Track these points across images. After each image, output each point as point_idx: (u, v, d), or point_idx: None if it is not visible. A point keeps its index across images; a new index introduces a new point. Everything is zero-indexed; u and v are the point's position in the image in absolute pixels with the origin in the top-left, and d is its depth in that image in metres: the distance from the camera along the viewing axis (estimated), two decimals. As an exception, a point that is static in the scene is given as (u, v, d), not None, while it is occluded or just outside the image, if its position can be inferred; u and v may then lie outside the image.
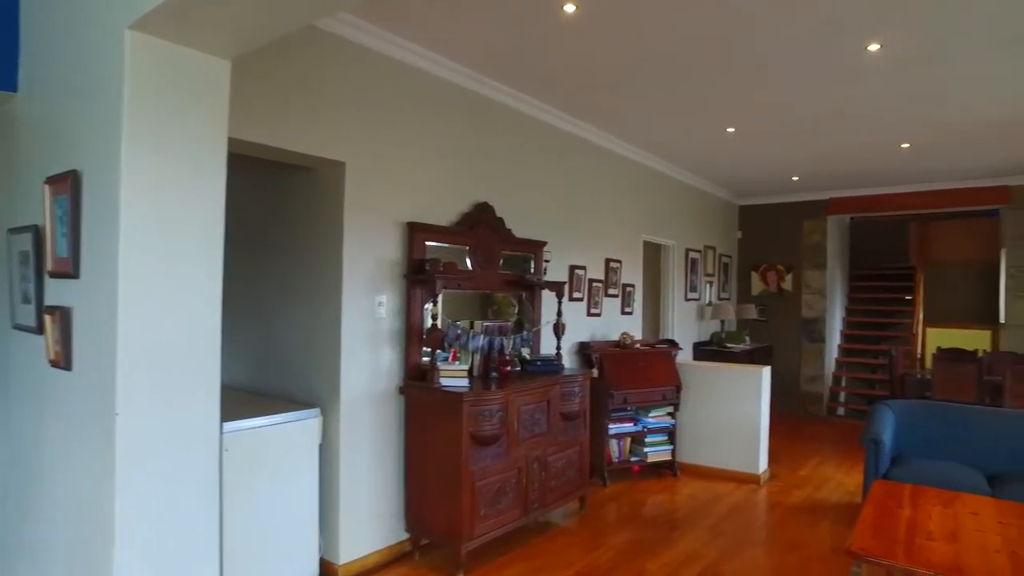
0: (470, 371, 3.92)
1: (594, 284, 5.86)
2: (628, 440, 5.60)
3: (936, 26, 3.48)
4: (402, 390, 3.83)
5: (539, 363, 4.55)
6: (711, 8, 3.34)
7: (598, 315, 5.96)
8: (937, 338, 9.54)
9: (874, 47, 3.72)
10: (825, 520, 4.59)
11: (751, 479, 5.46)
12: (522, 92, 4.73)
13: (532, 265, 4.88)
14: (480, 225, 4.34)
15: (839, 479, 5.65)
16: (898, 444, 4.67)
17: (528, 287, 4.78)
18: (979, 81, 4.30)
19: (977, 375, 6.15)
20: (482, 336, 4.19)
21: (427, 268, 3.76)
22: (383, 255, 3.72)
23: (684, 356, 7.16)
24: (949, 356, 6.50)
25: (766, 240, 9.21)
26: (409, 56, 3.86)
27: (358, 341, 3.59)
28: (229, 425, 3.01)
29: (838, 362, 9.32)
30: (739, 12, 3.37)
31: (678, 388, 5.67)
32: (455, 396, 3.57)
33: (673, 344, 6.19)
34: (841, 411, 9.02)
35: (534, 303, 4.87)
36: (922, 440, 4.71)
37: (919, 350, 9.11)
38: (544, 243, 4.97)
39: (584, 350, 5.64)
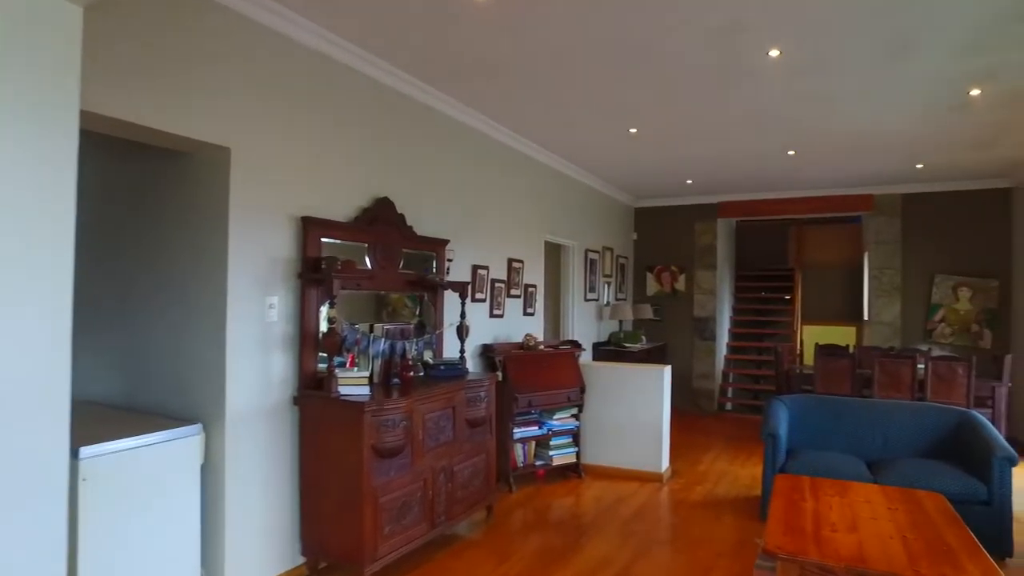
0: (370, 378, 3.65)
1: (497, 285, 5.72)
2: (533, 444, 5.49)
3: (832, 36, 3.61)
4: (297, 400, 3.49)
5: (443, 368, 4.34)
6: (620, 6, 3.28)
7: (501, 316, 5.82)
8: (812, 335, 10.23)
9: (774, 53, 3.82)
10: (727, 514, 4.69)
11: (655, 477, 5.52)
12: (427, 83, 4.51)
13: (435, 265, 4.66)
14: (380, 221, 4.06)
15: (735, 472, 5.83)
16: (791, 437, 4.85)
17: (431, 288, 4.55)
18: (864, 93, 4.55)
19: (851, 369, 6.57)
20: (383, 340, 3.92)
21: (323, 267, 3.45)
22: (274, 252, 3.37)
23: (585, 357, 7.18)
24: (827, 352, 6.91)
25: (661, 242, 9.47)
26: (307, 36, 3.53)
27: (246, 348, 3.22)
28: (89, 450, 2.58)
29: (726, 359, 9.74)
30: (648, 12, 3.34)
31: (582, 389, 5.63)
32: (355, 406, 3.28)
33: (576, 345, 6.17)
34: (729, 406, 9.44)
35: (437, 304, 4.65)
36: (811, 432, 4.93)
37: (799, 346, 9.68)
38: (447, 242, 4.76)
39: (487, 352, 5.49)
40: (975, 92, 4.52)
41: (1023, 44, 3.72)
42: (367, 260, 3.96)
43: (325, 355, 3.47)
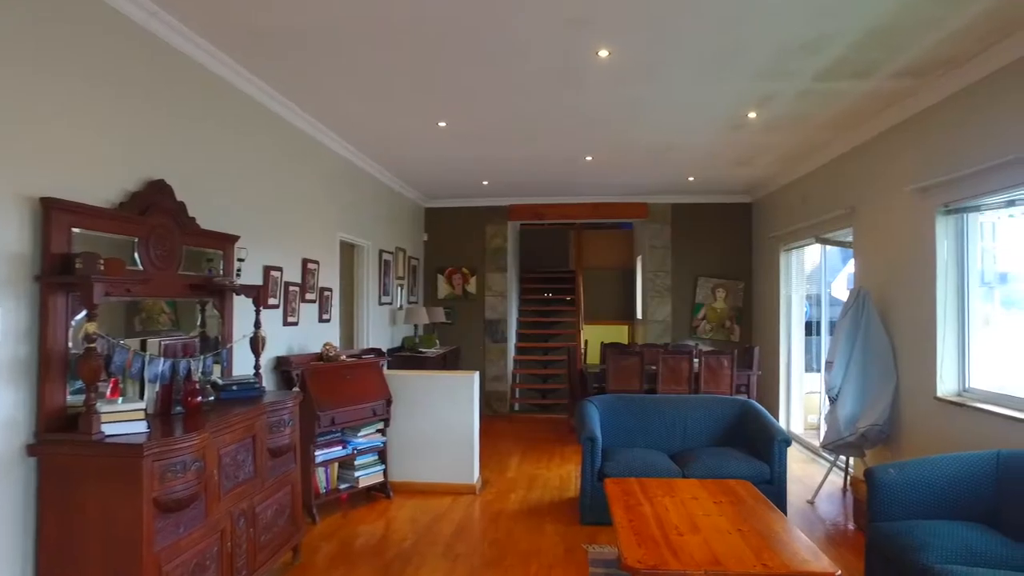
0: (146, 410, 2.83)
1: (291, 288, 5.01)
2: (336, 466, 4.90)
3: (663, 43, 3.66)
4: (34, 449, 2.55)
5: (235, 388, 3.60)
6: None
7: (296, 324, 5.11)
8: (591, 334, 10.89)
9: (604, 53, 3.78)
10: (548, 522, 4.59)
11: (467, 490, 5.25)
12: (221, 50, 3.73)
13: (222, 265, 3.86)
14: (156, 210, 3.21)
15: (544, 476, 5.82)
16: (603, 437, 4.92)
17: (218, 292, 3.76)
18: (674, 105, 4.76)
19: (640, 366, 7.01)
20: (162, 360, 3.09)
21: (79, 266, 2.57)
22: (-5, 246, 2.43)
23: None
24: (618, 350, 7.30)
25: (452, 243, 9.30)
26: (40, -47, 2.61)
27: (-51, 381, 2.25)
28: None
29: (515, 360, 9.91)
30: (489, -14, 3.06)
31: (388, 401, 5.17)
32: (129, 450, 2.48)
33: (380, 353, 5.67)
34: (516, 407, 9.60)
35: (225, 312, 3.86)
36: (620, 431, 5.07)
37: (583, 346, 10.19)
38: (237, 237, 3.99)
39: (283, 366, 4.76)
40: (752, 115, 5.02)
41: (798, 75, 4.15)
42: (138, 258, 3.09)
43: (82, 384, 2.58)
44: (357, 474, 4.95)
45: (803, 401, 7.57)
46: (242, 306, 3.97)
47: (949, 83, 4.17)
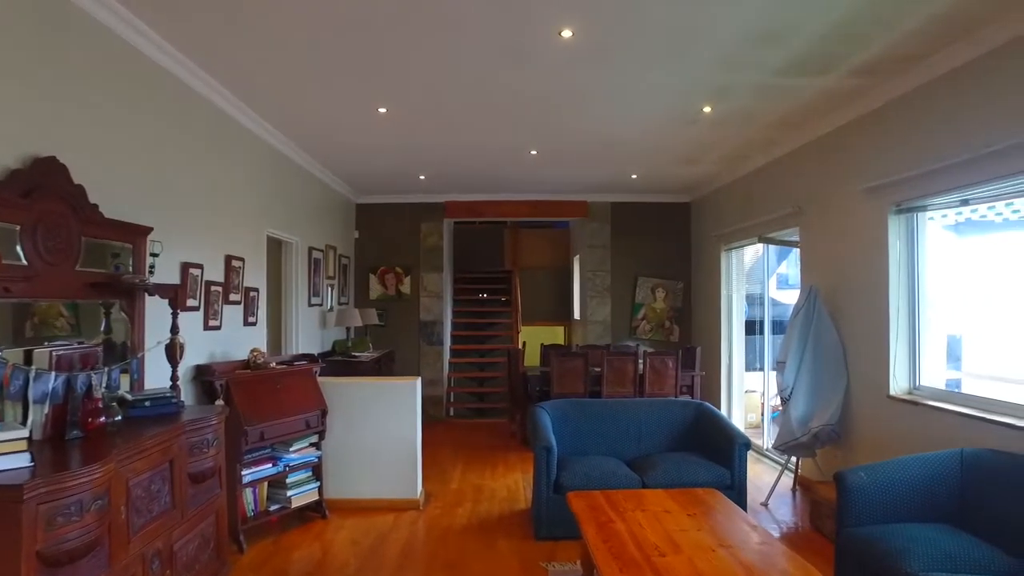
0: (30, 438, 2.32)
1: (213, 288, 4.47)
2: (265, 485, 4.40)
3: (628, 23, 3.40)
4: None
5: (148, 404, 3.10)
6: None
7: (218, 328, 4.57)
8: (527, 335, 10.64)
9: (567, 33, 3.49)
10: (500, 537, 4.27)
11: (411, 505, 4.86)
12: (126, 7, 3.19)
13: (132, 261, 3.33)
14: (44, 193, 2.68)
15: (490, 486, 5.49)
16: (557, 445, 4.65)
17: (127, 292, 3.24)
18: (630, 92, 4.52)
19: (585, 368, 6.80)
20: (53, 374, 2.56)
21: (-60, 259, 2.05)
22: None
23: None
24: (561, 352, 7.07)
25: (385, 241, 8.83)
26: None
27: None
28: None
29: (451, 363, 9.53)
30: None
31: (323, 412, 4.71)
32: (3, 493, 1.98)
33: (313, 359, 5.19)
34: (452, 412, 9.24)
35: (135, 315, 3.33)
36: (573, 437, 4.81)
37: (522, 347, 9.92)
38: (150, 229, 3.46)
39: (204, 376, 4.23)
40: (707, 109, 4.87)
41: (758, 67, 4.01)
42: (21, 251, 2.55)
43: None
44: (289, 493, 4.46)
45: (743, 400, 7.60)
46: (156, 308, 3.45)
47: (904, 82, 4.15)
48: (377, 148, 6.08)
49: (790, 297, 8.55)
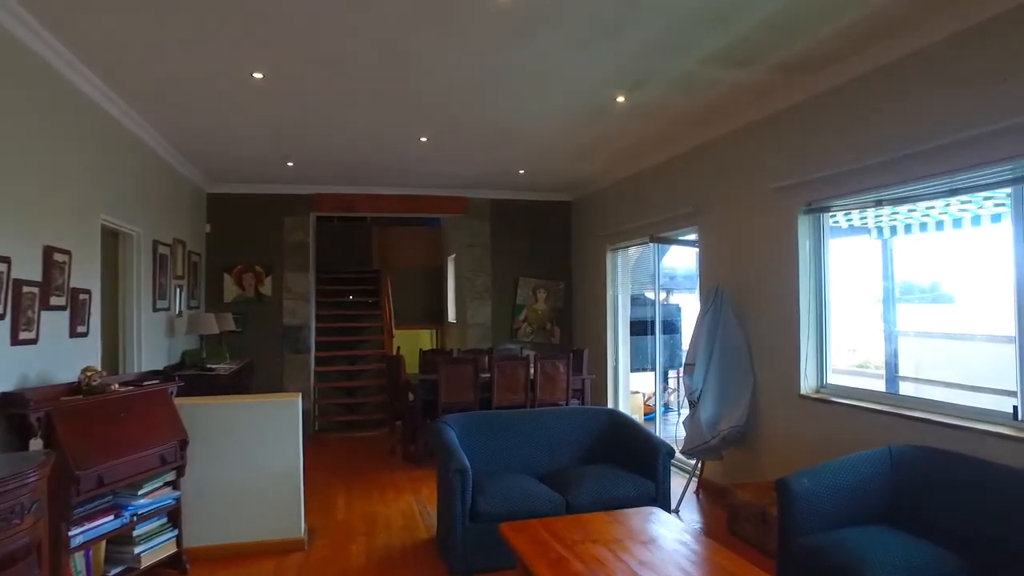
0: None
1: (26, 289, 3.43)
2: (103, 545, 3.45)
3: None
4: None
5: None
6: None
7: (33, 342, 3.53)
8: (402, 340, 9.96)
9: (504, -9, 3.02)
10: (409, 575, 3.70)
11: (294, 546, 4.11)
12: None
13: (-94, 252, 2.35)
14: None
15: (383, 515, 4.84)
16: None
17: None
18: (545, 77, 4.14)
19: (475, 375, 6.33)
20: None
21: None
22: None
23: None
24: (447, 358, 6.55)
25: (242, 237, 7.74)
26: None
27: None
28: None
29: (317, 372, 8.62)
30: None
31: (183, 443, 3.83)
32: None
33: (169, 378, 4.22)
34: (317, 426, 8.36)
35: (-88, 330, 2.36)
36: (481, 454, 4.32)
37: (396, 353, 9.23)
38: (-65, 209, 2.49)
39: (12, 407, 3.19)
40: (621, 99, 4.62)
41: (686, 53, 3.78)
42: None
43: None
44: (138, 550, 3.54)
45: (628, 401, 7.55)
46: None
47: (818, 82, 4.15)
48: (242, 125, 5.17)
49: (677, 298, 8.72)
